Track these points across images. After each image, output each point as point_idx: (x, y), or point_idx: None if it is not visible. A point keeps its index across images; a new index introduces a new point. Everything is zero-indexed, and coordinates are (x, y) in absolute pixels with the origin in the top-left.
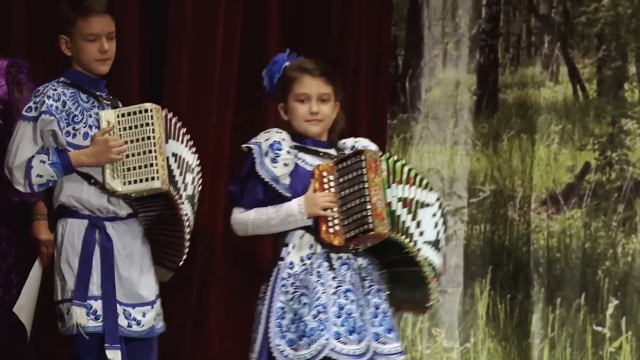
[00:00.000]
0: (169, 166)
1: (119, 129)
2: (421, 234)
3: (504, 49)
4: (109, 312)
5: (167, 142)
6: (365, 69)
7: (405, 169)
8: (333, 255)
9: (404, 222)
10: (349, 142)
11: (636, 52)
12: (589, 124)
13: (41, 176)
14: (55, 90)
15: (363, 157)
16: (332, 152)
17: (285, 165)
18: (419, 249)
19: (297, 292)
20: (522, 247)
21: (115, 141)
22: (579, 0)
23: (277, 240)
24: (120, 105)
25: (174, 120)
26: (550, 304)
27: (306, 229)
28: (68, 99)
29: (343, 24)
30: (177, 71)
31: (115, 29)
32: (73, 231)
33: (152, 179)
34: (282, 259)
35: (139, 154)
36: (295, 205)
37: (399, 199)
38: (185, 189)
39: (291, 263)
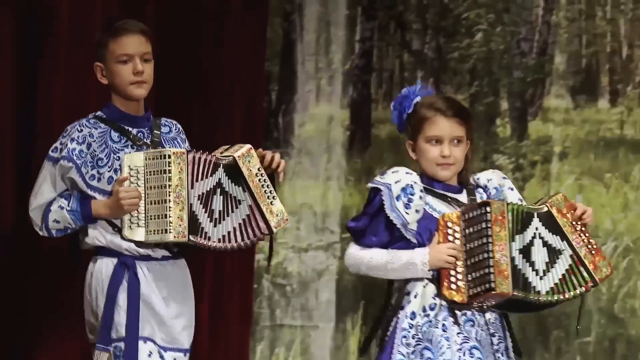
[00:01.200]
0: (192, 212)
1: (147, 172)
2: (541, 278)
3: (377, 84)
4: (130, 355)
5: (192, 186)
6: (239, 105)
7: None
8: (457, 311)
9: (525, 276)
10: (482, 179)
11: (508, 88)
12: None
13: (58, 222)
14: (82, 131)
15: (489, 210)
16: (462, 197)
17: (417, 212)
18: (541, 299)
19: (419, 344)
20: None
21: (127, 192)
22: (451, 36)
23: (394, 286)
24: (168, 143)
25: (205, 159)
26: None
27: (430, 278)
28: (95, 140)
29: (216, 59)
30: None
31: (152, 50)
32: (102, 269)
33: (165, 231)
34: (402, 307)
35: (157, 202)
36: (418, 255)
37: (520, 251)
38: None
39: (412, 313)
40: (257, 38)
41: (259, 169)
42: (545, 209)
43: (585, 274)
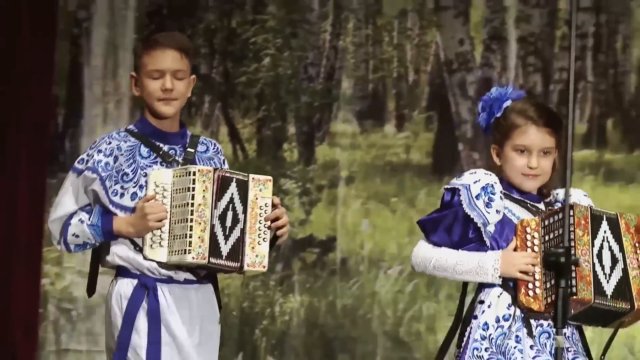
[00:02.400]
0: (214, 233)
1: (173, 190)
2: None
3: None
4: None
5: (215, 206)
6: (26, 129)
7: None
8: (532, 321)
9: (600, 282)
10: (561, 194)
11: (295, 113)
12: None
13: (77, 236)
14: (110, 143)
15: (572, 213)
16: (541, 206)
17: (497, 212)
18: (617, 307)
19: (491, 358)
20: None
21: (153, 208)
22: (239, 61)
23: (466, 295)
24: (203, 163)
25: (224, 175)
26: None
27: (504, 286)
28: (123, 154)
29: (3, 82)
30: None
31: (189, 67)
32: (121, 290)
33: (185, 252)
34: (475, 317)
35: (181, 221)
36: (489, 259)
37: (596, 256)
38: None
39: (485, 323)
40: (45, 61)
41: (265, 204)
42: (615, 214)
43: (627, 294)
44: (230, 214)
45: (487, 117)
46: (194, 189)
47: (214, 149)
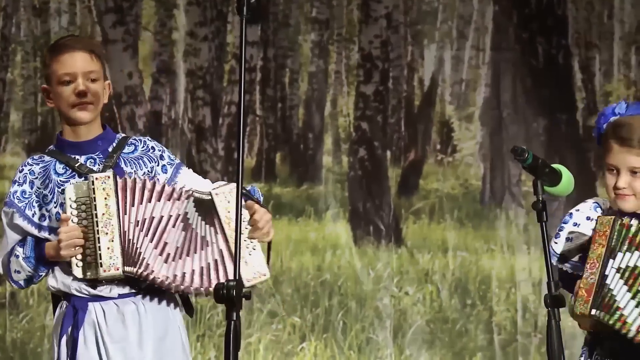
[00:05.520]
0: (128, 241)
1: (80, 203)
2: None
3: None
4: None
5: (126, 212)
6: None
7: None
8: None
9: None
10: None
11: None
12: None
13: (19, 272)
14: (22, 170)
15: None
16: None
17: None
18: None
19: None
20: None
21: (66, 233)
22: None
23: None
24: (129, 165)
25: (140, 182)
26: None
27: None
28: (37, 177)
29: None
30: None
31: (102, 69)
32: (57, 316)
33: (97, 266)
34: None
35: (89, 235)
36: None
37: (618, 269)
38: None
39: None
40: None
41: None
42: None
43: None
44: (179, 232)
45: (597, 132)
46: (94, 198)
47: (143, 147)
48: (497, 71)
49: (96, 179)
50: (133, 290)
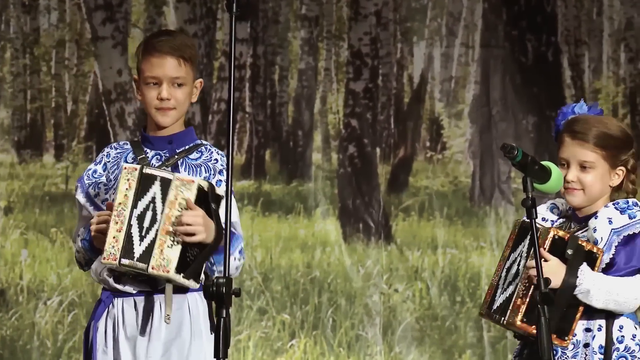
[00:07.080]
0: (129, 234)
1: (114, 191)
2: None
3: None
4: None
5: (136, 206)
6: None
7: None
8: None
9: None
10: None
11: None
12: None
13: (79, 252)
14: (103, 151)
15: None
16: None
17: None
18: None
19: None
20: None
21: (97, 217)
22: None
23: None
24: (188, 170)
25: (151, 172)
26: None
27: None
28: (110, 161)
29: None
30: None
31: (190, 72)
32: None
33: (102, 253)
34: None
35: (111, 222)
36: None
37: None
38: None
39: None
40: None
41: (185, 208)
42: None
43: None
44: (149, 213)
45: (555, 129)
46: (117, 187)
47: (207, 155)
48: (487, 68)
49: (125, 168)
50: (148, 289)
